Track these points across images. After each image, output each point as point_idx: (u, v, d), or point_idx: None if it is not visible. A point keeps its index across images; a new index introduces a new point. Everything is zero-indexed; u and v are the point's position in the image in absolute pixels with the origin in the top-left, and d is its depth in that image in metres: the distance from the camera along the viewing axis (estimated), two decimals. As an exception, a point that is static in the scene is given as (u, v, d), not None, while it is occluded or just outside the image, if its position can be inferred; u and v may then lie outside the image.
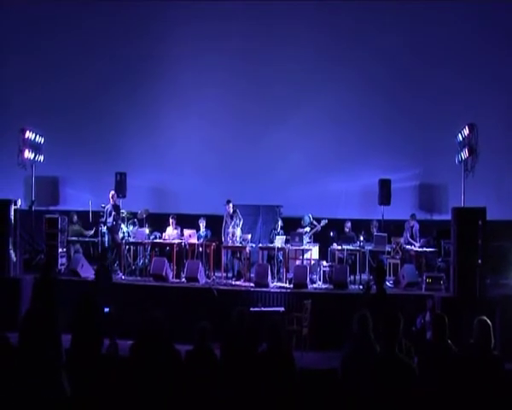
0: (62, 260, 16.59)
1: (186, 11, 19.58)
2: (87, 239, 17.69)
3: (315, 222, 17.14)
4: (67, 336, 7.87)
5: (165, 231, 17.00)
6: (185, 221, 17.37)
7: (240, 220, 16.80)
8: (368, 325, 7.13)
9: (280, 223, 17.07)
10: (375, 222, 17.51)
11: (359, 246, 16.59)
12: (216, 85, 19.39)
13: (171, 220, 17.04)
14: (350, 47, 18.99)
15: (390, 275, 16.27)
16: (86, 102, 19.72)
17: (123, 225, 17.33)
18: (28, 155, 17.10)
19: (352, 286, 15.57)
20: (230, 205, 16.98)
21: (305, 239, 16.54)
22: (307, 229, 16.88)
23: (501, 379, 6.83)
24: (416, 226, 17.19)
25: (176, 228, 16.98)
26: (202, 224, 17.15)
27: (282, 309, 13.85)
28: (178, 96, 19.61)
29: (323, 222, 17.06)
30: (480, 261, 13.39)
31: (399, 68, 18.86)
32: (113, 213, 16.84)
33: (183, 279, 15.71)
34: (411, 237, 17.09)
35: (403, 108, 18.89)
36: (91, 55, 19.73)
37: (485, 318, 7.01)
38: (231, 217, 16.97)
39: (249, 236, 16.94)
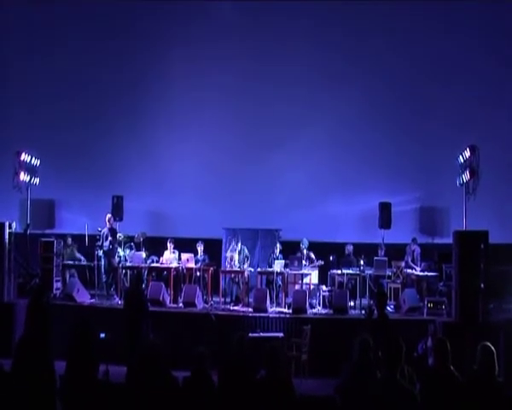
0: (58, 285, 16.53)
1: (185, 31, 19.65)
2: (83, 263, 17.63)
3: (312, 255, 17.07)
4: (62, 362, 7.80)
5: (162, 255, 16.96)
6: (183, 245, 17.33)
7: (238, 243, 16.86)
8: (369, 350, 7.09)
9: (279, 247, 17.04)
10: (382, 245, 17.44)
11: (359, 270, 16.53)
12: (214, 107, 19.46)
13: (168, 244, 17.01)
14: (350, 71, 19.05)
15: (391, 300, 16.21)
16: (83, 125, 19.73)
17: (119, 249, 17.27)
18: (24, 177, 17.06)
19: (353, 311, 15.54)
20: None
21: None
22: (305, 262, 16.79)
23: (505, 407, 6.77)
24: (418, 250, 17.17)
25: (173, 252, 16.94)
26: (200, 248, 17.11)
27: (281, 335, 13.77)
28: (176, 118, 19.65)
29: (319, 262, 16.99)
30: (482, 286, 13.35)
31: (399, 90, 18.93)
32: (110, 236, 16.81)
33: (181, 304, 15.66)
34: (412, 261, 17.06)
35: (403, 130, 18.93)
36: (88, 78, 19.75)
37: (488, 343, 6.97)
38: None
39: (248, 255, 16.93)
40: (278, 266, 16.24)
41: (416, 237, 17.59)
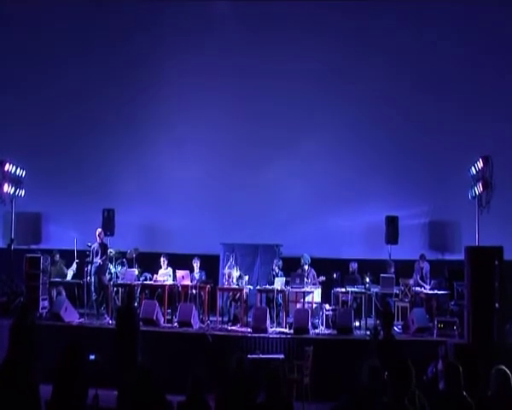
0: (44, 304, 16.43)
1: (178, 45, 19.78)
2: (71, 280, 17.53)
3: (313, 272, 17.05)
4: (49, 386, 7.74)
5: (156, 273, 16.88)
6: (178, 261, 17.27)
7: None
8: (379, 378, 7.01)
9: (279, 263, 16.99)
10: (391, 262, 17.39)
11: (365, 288, 16.48)
12: (211, 120, 19.50)
13: (162, 259, 16.95)
14: (353, 79, 19.06)
15: (398, 319, 16.17)
16: (72, 133, 19.71)
17: (110, 266, 17.23)
18: (8, 189, 17.05)
19: (357, 331, 15.45)
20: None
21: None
22: (307, 280, 16.75)
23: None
24: (427, 267, 17.11)
25: (167, 268, 16.89)
26: (196, 264, 17.05)
27: (282, 356, 13.73)
28: (172, 129, 19.66)
29: (321, 278, 16.96)
30: (497, 305, 13.27)
31: (406, 97, 18.91)
32: (100, 252, 16.75)
33: (176, 324, 15.59)
34: (421, 278, 17.00)
35: (410, 139, 18.91)
36: (78, 85, 19.78)
37: (503, 367, 6.91)
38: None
39: (247, 277, 16.85)
40: (279, 283, 16.18)
41: (424, 253, 17.51)
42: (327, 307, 16.35)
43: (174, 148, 19.60)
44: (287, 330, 15.37)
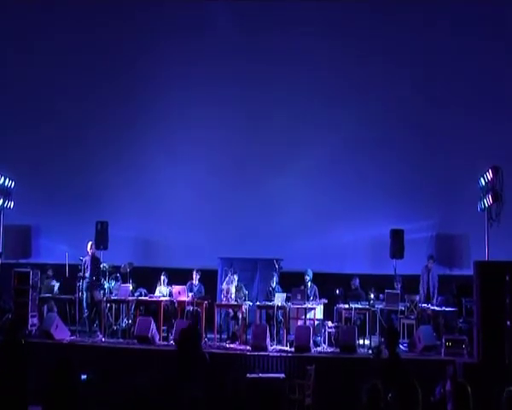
0: (33, 321, 16.39)
1: (177, 50, 19.79)
2: (62, 296, 17.48)
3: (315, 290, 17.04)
4: (38, 408, 7.72)
5: (153, 289, 16.89)
6: (174, 276, 17.25)
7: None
8: (378, 398, 6.99)
9: (275, 278, 16.95)
10: (398, 278, 17.36)
11: (369, 304, 16.45)
12: (209, 129, 19.47)
13: (162, 278, 16.95)
14: (355, 91, 19.11)
15: (404, 337, 16.12)
16: (63, 142, 19.72)
17: (104, 281, 17.18)
18: (-4, 201, 17.05)
19: (361, 350, 15.42)
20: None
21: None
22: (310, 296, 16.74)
23: None
24: (435, 270, 17.06)
25: (166, 286, 16.88)
26: (196, 276, 16.99)
27: (283, 376, 13.68)
28: (167, 139, 19.69)
29: (323, 301, 16.91)
30: (508, 323, 13.24)
31: (412, 106, 18.95)
32: (92, 266, 16.72)
33: (172, 342, 15.54)
34: (427, 288, 16.94)
35: (416, 148, 18.94)
36: (68, 95, 19.83)
37: (515, 389, 6.89)
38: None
39: (246, 292, 16.83)
40: (279, 299, 16.14)
41: (433, 254, 17.50)
42: (329, 324, 16.33)
43: (171, 159, 19.58)
44: (287, 349, 15.33)
